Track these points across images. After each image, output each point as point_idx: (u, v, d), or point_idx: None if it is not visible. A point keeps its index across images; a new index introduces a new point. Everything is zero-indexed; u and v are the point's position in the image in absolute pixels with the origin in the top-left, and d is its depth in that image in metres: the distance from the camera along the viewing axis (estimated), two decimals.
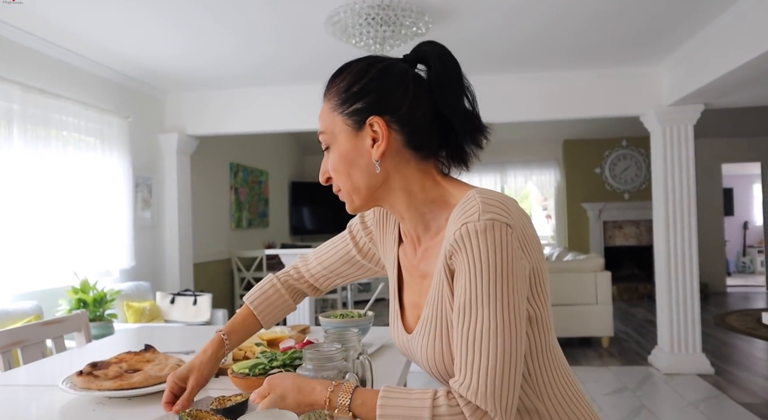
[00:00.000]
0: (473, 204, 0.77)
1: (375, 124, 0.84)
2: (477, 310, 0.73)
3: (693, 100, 3.97)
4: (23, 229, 3.06)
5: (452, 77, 0.86)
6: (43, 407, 1.12)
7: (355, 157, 0.86)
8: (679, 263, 4.11)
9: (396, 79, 0.85)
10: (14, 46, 3.16)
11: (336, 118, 0.87)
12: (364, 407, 0.77)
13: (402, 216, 0.90)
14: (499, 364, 0.72)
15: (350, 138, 0.86)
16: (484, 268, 0.73)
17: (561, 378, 0.86)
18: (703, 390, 3.73)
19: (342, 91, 0.87)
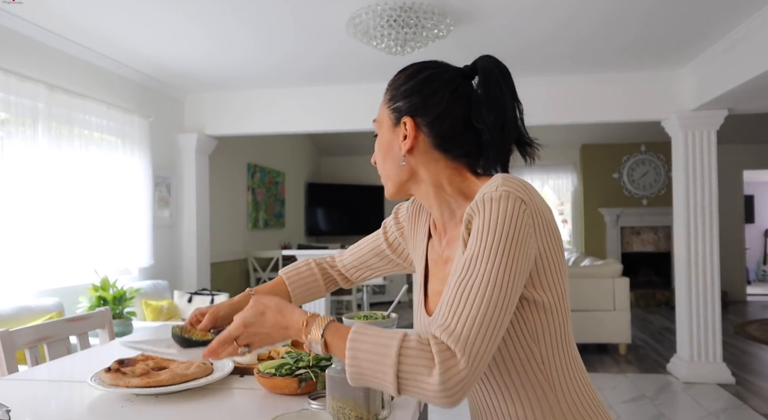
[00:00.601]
0: (495, 180, 0.82)
1: (407, 123, 0.92)
2: (476, 265, 0.76)
3: (716, 106, 3.91)
4: (46, 226, 3.11)
5: (491, 93, 0.92)
6: (73, 403, 1.13)
7: (390, 148, 0.95)
8: (700, 271, 4.05)
9: (436, 88, 0.92)
10: (41, 46, 3.22)
11: (384, 111, 0.97)
12: (336, 335, 0.79)
13: (431, 205, 0.97)
14: (481, 316, 0.73)
15: (389, 131, 0.95)
16: (491, 229, 0.77)
17: (575, 372, 0.88)
18: (724, 400, 3.66)
19: (394, 88, 0.96)
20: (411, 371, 0.72)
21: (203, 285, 4.71)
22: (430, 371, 0.71)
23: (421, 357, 0.72)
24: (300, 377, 1.09)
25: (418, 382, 0.72)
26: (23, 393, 1.18)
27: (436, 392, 0.71)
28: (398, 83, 0.95)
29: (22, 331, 1.52)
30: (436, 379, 0.70)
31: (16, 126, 2.96)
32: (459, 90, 0.92)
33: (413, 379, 0.72)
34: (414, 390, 0.73)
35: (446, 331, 0.73)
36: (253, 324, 0.85)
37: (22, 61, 3.07)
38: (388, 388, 0.74)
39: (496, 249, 0.76)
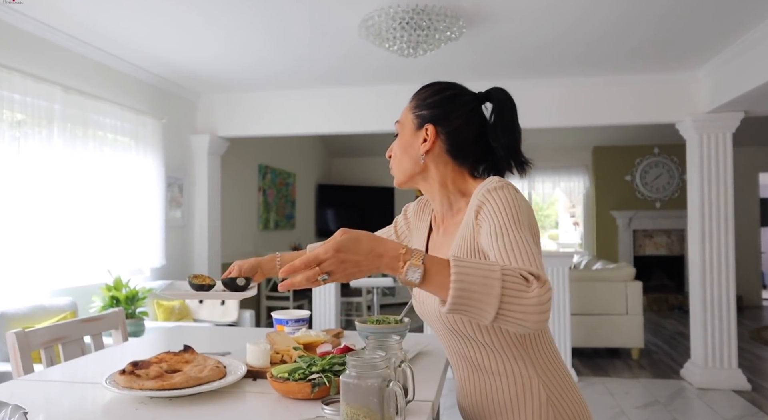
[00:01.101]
0: (491, 179, 1.03)
1: (429, 130, 1.12)
2: (510, 231, 0.93)
3: (733, 108, 3.86)
4: (60, 226, 3.14)
5: (505, 120, 1.12)
6: (88, 404, 1.14)
7: (410, 146, 1.14)
8: (715, 275, 4.00)
9: (458, 105, 1.12)
10: (56, 49, 3.25)
11: (409, 116, 1.15)
12: (435, 261, 0.81)
13: (434, 198, 1.17)
14: (535, 257, 0.90)
15: (411, 132, 1.14)
16: (508, 205, 0.96)
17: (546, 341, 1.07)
18: (740, 407, 3.61)
19: (421, 99, 1.15)
20: (513, 288, 0.80)
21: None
22: (528, 287, 0.81)
23: (519, 276, 0.82)
24: (313, 382, 1.09)
25: (519, 297, 0.80)
26: (38, 394, 1.19)
27: (535, 306, 0.80)
28: (425, 95, 1.14)
29: (37, 332, 1.53)
30: (534, 293, 0.80)
31: (32, 127, 3.00)
32: (474, 111, 1.13)
33: (515, 295, 0.80)
34: (514, 306, 0.79)
35: (526, 266, 0.87)
36: (347, 249, 0.81)
37: (39, 64, 3.10)
38: (489, 307, 0.79)
39: (518, 215, 0.95)
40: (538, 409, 1.02)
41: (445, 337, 1.12)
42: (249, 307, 5.71)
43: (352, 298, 6.11)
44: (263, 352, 1.28)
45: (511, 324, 0.81)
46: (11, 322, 2.66)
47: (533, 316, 0.80)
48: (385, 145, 5.38)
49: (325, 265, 0.80)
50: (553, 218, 10.91)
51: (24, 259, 2.92)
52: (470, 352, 1.07)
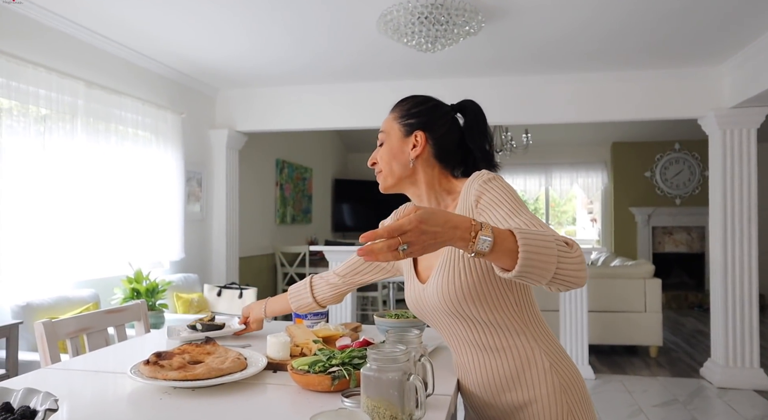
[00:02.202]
0: (477, 173, 1.14)
1: (419, 136, 1.22)
2: (519, 213, 1.04)
3: (757, 103, 3.78)
4: (83, 219, 3.20)
5: (480, 127, 1.25)
6: (114, 394, 1.17)
7: (399, 153, 1.23)
8: (737, 273, 3.93)
9: (441, 113, 1.25)
10: (80, 44, 3.30)
11: (394, 125, 1.25)
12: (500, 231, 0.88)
13: (421, 199, 1.25)
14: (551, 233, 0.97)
15: (399, 140, 1.23)
16: (506, 193, 1.08)
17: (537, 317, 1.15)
18: (762, 407, 3.55)
19: (405, 109, 1.25)
20: (563, 251, 0.91)
21: (232, 279, 4.79)
22: (571, 249, 0.92)
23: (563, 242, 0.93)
24: (333, 375, 1.10)
25: (568, 258, 0.91)
26: (65, 382, 1.23)
27: (579, 264, 0.91)
28: (407, 106, 1.24)
29: (63, 322, 1.57)
30: (577, 253, 0.92)
31: (56, 122, 3.05)
32: (454, 120, 1.26)
33: (565, 256, 0.91)
34: (566, 266, 0.90)
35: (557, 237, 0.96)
36: (427, 221, 0.83)
37: (63, 59, 3.16)
38: (550, 267, 0.89)
39: (518, 201, 1.07)
40: (543, 376, 1.10)
41: (445, 325, 1.16)
42: None
43: (367, 293, 6.13)
44: (283, 345, 1.30)
45: (563, 282, 0.91)
46: (37, 313, 2.72)
47: (580, 272, 0.92)
48: None
49: (407, 236, 0.82)
50: (570, 214, 10.80)
51: (48, 251, 2.98)
52: (472, 333, 1.12)
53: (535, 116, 4.37)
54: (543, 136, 7.36)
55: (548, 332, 1.15)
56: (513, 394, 1.11)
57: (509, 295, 1.09)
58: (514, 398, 1.11)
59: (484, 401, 1.15)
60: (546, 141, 7.66)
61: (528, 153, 7.12)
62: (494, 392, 1.13)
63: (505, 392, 1.12)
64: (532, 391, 1.10)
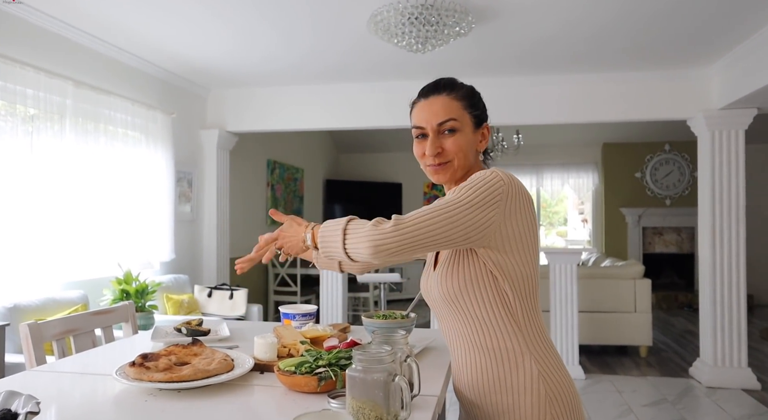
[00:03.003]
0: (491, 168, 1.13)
1: (486, 128, 1.22)
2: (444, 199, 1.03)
3: (745, 105, 3.82)
4: (72, 219, 3.17)
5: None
6: (98, 396, 1.16)
7: (472, 144, 1.19)
8: (725, 273, 3.97)
9: (481, 101, 1.23)
10: (68, 44, 3.28)
11: (465, 114, 1.18)
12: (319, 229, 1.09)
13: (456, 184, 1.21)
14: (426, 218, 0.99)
15: (472, 131, 1.19)
16: (468, 183, 1.05)
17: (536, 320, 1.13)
18: (749, 406, 3.59)
19: (469, 97, 1.19)
20: (356, 226, 1.02)
21: (223, 280, 4.77)
22: (365, 224, 1.01)
23: (365, 222, 1.01)
24: (319, 376, 1.10)
25: (357, 230, 1.00)
26: (50, 384, 1.21)
27: (366, 235, 0.98)
28: (469, 93, 1.20)
29: (49, 324, 1.56)
30: (369, 225, 0.99)
31: (44, 122, 3.03)
32: None
33: (356, 229, 1.01)
34: (351, 237, 1.01)
35: (395, 216, 1.01)
36: (285, 229, 1.18)
37: (52, 59, 3.13)
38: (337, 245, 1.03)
39: (465, 192, 1.02)
40: (530, 383, 1.07)
41: (444, 316, 1.17)
42: (257, 302, 5.75)
43: (359, 294, 6.13)
44: (270, 346, 1.29)
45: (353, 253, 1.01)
46: (24, 315, 2.70)
47: (364, 242, 0.98)
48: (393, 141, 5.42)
49: (278, 242, 1.20)
50: (561, 215, 10.85)
51: (36, 252, 2.95)
52: (466, 328, 1.13)
53: (525, 117, 4.38)
54: (534, 137, 7.39)
55: (545, 339, 1.13)
56: (498, 397, 1.09)
57: (508, 295, 1.08)
58: (499, 401, 1.09)
59: (471, 400, 1.14)
60: (537, 142, 7.69)
61: (519, 154, 7.15)
62: (482, 393, 1.11)
63: (491, 394, 1.10)
64: (517, 397, 1.08)
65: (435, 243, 0.99)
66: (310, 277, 6.39)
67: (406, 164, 8.38)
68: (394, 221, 0.98)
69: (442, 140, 1.16)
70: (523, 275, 1.09)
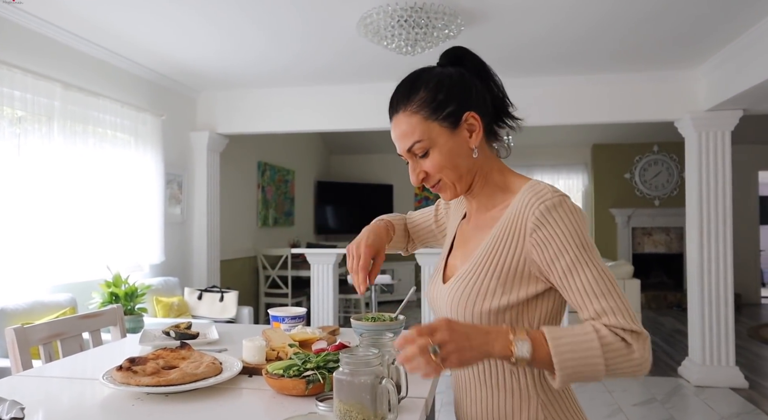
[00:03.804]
0: (542, 187, 0.96)
1: (470, 118, 1.00)
2: (582, 266, 0.90)
3: (731, 106, 3.87)
4: (60, 222, 3.15)
5: (486, 67, 1.06)
6: (85, 400, 1.15)
7: (457, 151, 1.00)
8: (713, 273, 4.01)
9: (465, 80, 1.02)
10: (57, 45, 3.25)
11: (432, 125, 0.99)
12: (539, 351, 0.85)
13: (476, 194, 1.07)
14: (620, 296, 0.90)
15: (449, 137, 0.99)
16: (572, 234, 0.91)
17: None
18: (737, 404, 3.63)
19: (428, 102, 0.99)
20: (616, 356, 0.85)
21: (213, 282, 4.75)
22: (630, 351, 0.86)
23: (620, 344, 0.86)
24: (308, 379, 1.10)
25: (624, 362, 0.85)
26: (37, 389, 1.21)
27: (639, 365, 0.86)
28: (428, 96, 0.99)
29: (36, 328, 1.54)
30: (637, 355, 0.86)
31: (32, 124, 3.00)
32: (471, 76, 1.03)
33: (620, 361, 0.85)
34: (621, 369, 0.86)
35: (620, 319, 0.87)
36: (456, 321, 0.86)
37: (39, 60, 3.10)
38: (598, 375, 0.85)
39: (584, 246, 0.91)
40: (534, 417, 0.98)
41: None
42: (247, 304, 5.73)
43: (350, 296, 6.13)
44: (259, 349, 1.29)
45: (614, 376, 0.87)
46: (11, 318, 2.67)
47: (640, 372, 0.87)
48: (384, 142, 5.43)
49: (437, 336, 0.82)
50: None
51: (24, 255, 2.93)
52: (479, 366, 1.02)
53: None
54: (524, 138, 7.42)
55: None
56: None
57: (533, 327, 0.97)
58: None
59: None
60: (527, 143, 7.73)
61: (509, 155, 7.17)
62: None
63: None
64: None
65: None
66: (300, 278, 6.38)
67: (397, 165, 8.40)
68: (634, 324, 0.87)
69: (421, 163, 1.01)
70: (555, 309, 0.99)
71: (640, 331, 0.87)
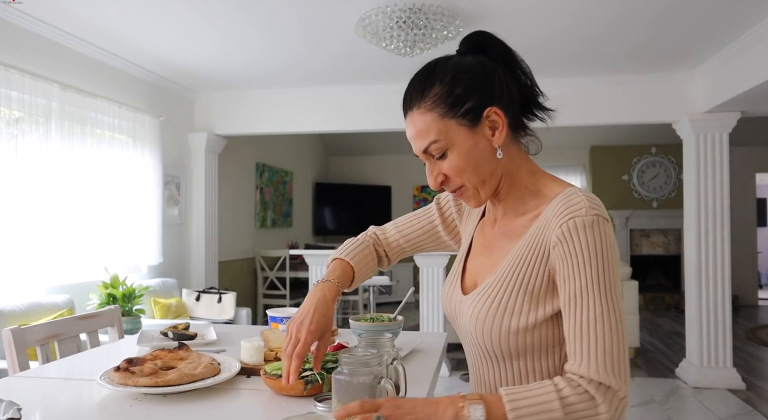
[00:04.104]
0: (579, 200, 0.85)
1: (492, 114, 0.90)
2: (588, 297, 0.80)
3: (729, 108, 3.88)
4: (58, 223, 3.14)
5: (513, 54, 0.96)
6: (83, 401, 1.15)
7: (479, 150, 0.90)
8: (711, 274, 4.01)
9: (487, 71, 0.92)
10: (54, 46, 3.25)
11: (449, 123, 0.90)
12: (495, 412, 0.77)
13: (503, 197, 0.96)
14: (614, 343, 0.78)
15: (469, 136, 0.90)
16: (592, 259, 0.80)
17: None
18: (734, 406, 3.63)
19: (444, 97, 0.90)
20: (579, 417, 0.76)
21: (211, 283, 4.74)
22: (596, 410, 0.76)
23: (583, 401, 0.76)
24: (306, 379, 1.09)
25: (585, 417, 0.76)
26: (34, 390, 1.20)
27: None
28: (444, 91, 0.90)
29: (33, 329, 1.54)
30: (604, 409, 0.76)
31: (30, 124, 3.00)
32: (496, 65, 0.94)
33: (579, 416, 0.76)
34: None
35: (591, 369, 0.77)
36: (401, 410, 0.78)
37: (37, 61, 3.10)
38: None
39: (602, 277, 0.80)
40: None
41: (471, 352, 1.01)
42: (246, 305, 5.72)
43: (348, 297, 6.12)
44: (257, 350, 1.29)
45: None
46: (8, 320, 2.66)
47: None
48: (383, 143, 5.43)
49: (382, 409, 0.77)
50: None
51: (21, 256, 2.92)
52: (496, 374, 0.95)
53: None
54: None
55: None
56: None
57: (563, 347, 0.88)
58: None
59: None
60: None
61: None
62: None
63: None
64: None
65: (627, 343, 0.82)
66: (299, 280, 6.37)
67: (396, 167, 8.40)
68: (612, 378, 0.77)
69: (439, 165, 0.92)
70: None
71: (610, 384, 0.76)
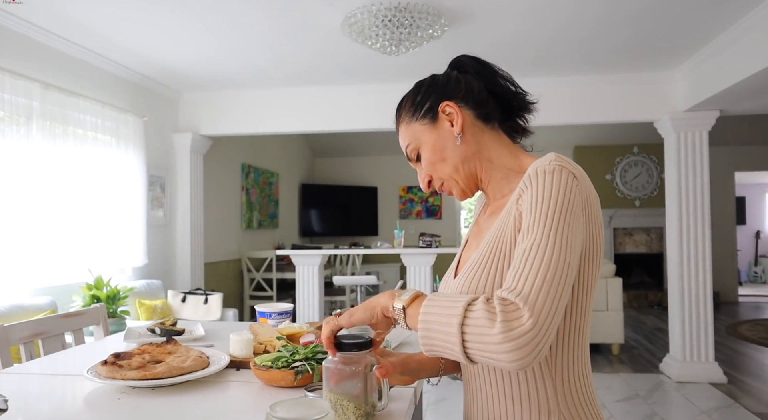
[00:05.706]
0: (548, 156, 0.85)
1: (446, 107, 0.97)
2: (534, 231, 0.78)
3: (708, 107, 3.95)
4: (40, 224, 3.09)
5: (488, 67, 1.04)
6: (69, 395, 1.13)
7: (443, 141, 0.98)
8: (692, 271, 4.08)
9: (445, 77, 1.03)
10: (35, 45, 3.21)
11: (413, 126, 1.00)
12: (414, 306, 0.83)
13: (486, 181, 1.00)
14: (542, 275, 0.74)
15: (431, 132, 0.99)
16: (545, 197, 0.79)
17: (580, 366, 0.89)
18: (716, 399, 3.70)
19: (409, 107, 1.02)
20: (475, 325, 0.73)
21: (197, 285, 4.70)
22: (492, 324, 0.71)
23: (484, 311, 0.73)
24: (296, 370, 1.10)
25: (482, 336, 0.72)
26: (18, 386, 1.18)
27: (499, 343, 0.70)
28: (409, 103, 1.02)
29: (17, 326, 1.52)
30: (497, 330, 0.70)
31: (10, 124, 2.95)
32: (461, 76, 1.02)
33: (477, 334, 0.72)
34: (478, 345, 0.72)
35: (512, 291, 0.74)
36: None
37: (17, 60, 3.05)
38: (455, 350, 0.74)
39: (552, 215, 0.77)
40: None
41: None
42: (232, 306, 5.67)
43: (335, 297, 6.11)
44: (246, 343, 1.29)
45: (488, 362, 0.73)
46: None
47: (500, 354, 0.70)
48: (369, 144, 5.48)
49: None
50: None
51: (2, 257, 2.87)
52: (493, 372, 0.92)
53: None
54: None
55: (584, 395, 0.89)
56: None
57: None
58: None
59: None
60: None
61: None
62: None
63: None
64: None
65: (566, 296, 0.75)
66: (285, 281, 6.34)
67: (382, 168, 8.41)
68: (524, 304, 0.71)
69: (422, 167, 1.02)
70: (574, 306, 0.85)
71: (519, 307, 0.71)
